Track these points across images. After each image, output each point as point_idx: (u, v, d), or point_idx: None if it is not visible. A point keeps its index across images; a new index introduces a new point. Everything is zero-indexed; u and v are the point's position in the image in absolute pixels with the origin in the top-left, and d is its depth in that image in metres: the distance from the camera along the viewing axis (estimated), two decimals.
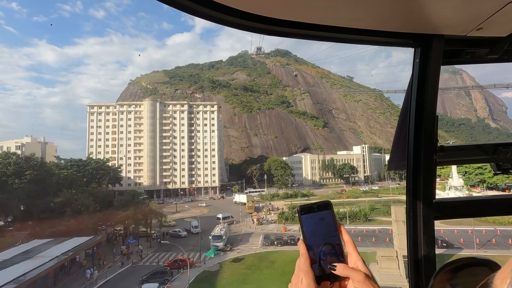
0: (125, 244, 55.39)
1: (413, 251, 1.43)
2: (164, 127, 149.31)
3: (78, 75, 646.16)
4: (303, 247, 0.96)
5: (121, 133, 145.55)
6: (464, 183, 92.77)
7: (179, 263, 43.10)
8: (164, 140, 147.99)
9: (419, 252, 1.41)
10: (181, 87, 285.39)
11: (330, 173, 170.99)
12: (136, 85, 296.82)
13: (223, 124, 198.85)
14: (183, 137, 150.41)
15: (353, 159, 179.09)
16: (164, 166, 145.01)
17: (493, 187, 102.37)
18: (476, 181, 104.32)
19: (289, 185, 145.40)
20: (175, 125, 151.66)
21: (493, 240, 50.25)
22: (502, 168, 1.62)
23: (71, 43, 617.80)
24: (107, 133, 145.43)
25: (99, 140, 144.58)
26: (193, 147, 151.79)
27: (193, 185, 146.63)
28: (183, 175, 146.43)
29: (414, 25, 1.31)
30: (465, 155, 1.65)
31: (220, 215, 74.60)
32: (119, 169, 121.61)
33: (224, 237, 54.71)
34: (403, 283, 33.04)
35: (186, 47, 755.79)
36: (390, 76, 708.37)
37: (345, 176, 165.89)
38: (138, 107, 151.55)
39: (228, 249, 52.83)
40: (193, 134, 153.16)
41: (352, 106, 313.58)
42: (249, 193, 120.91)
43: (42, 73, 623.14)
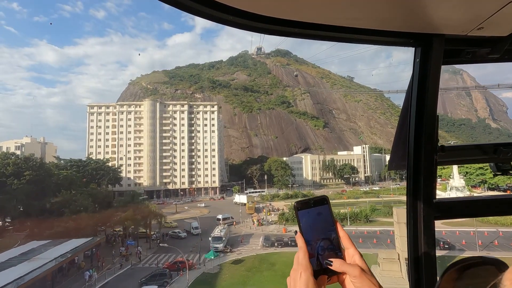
0: (124, 245, 55.02)
1: (413, 251, 1.43)
2: (164, 127, 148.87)
3: (78, 75, 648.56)
4: (301, 240, 0.96)
5: (121, 133, 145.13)
6: (465, 184, 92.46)
7: (178, 265, 42.73)
8: (164, 140, 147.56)
9: (419, 252, 1.41)
10: (181, 87, 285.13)
11: (330, 173, 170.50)
12: (136, 85, 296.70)
13: (224, 124, 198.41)
14: (183, 137, 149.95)
15: (353, 160, 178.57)
16: (164, 166, 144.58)
17: (494, 188, 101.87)
18: (477, 181, 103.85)
19: (290, 186, 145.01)
20: (175, 125, 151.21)
21: (496, 241, 49.77)
22: (502, 169, 1.63)
23: (71, 43, 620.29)
24: (107, 133, 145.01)
25: (99, 140, 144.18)
26: (193, 147, 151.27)
27: (193, 186, 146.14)
28: (183, 176, 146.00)
29: (414, 24, 1.32)
30: (465, 155, 1.65)
31: (220, 216, 74.09)
32: (119, 169, 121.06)
33: (224, 238, 54.22)
34: (405, 286, 32.62)
35: (186, 47, 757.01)
36: (390, 76, 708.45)
37: (345, 176, 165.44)
38: (138, 107, 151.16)
39: (228, 250, 52.38)
40: (193, 134, 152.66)
41: (352, 106, 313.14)
42: (249, 193, 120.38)
43: (42, 73, 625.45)
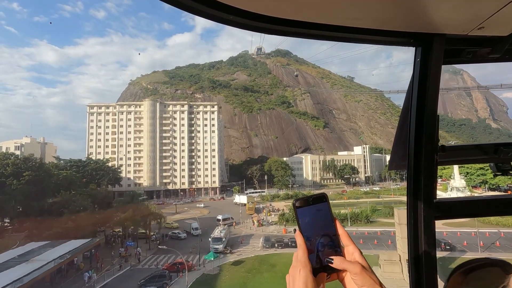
0: (124, 246, 54.74)
1: (413, 251, 1.43)
2: (164, 128, 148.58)
3: (78, 75, 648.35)
4: (300, 238, 0.96)
5: (121, 133, 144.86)
6: (466, 184, 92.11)
7: (178, 266, 42.43)
8: (164, 140, 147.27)
9: (419, 252, 1.42)
10: (182, 87, 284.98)
11: (330, 173, 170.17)
12: (136, 85, 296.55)
13: (224, 124, 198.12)
14: (183, 137, 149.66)
15: (354, 160, 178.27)
16: (164, 166, 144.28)
17: (495, 188, 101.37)
18: (478, 182, 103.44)
19: (290, 186, 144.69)
20: (175, 125, 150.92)
21: (497, 242, 49.44)
22: (502, 169, 1.62)
23: (71, 43, 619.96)
24: (107, 133, 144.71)
25: (99, 140, 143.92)
26: (193, 147, 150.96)
27: (193, 186, 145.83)
28: (183, 176, 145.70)
29: (415, 24, 1.32)
30: (466, 155, 1.65)
31: (220, 217, 73.71)
32: (119, 169, 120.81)
33: (224, 239, 53.89)
34: (406, 287, 32.29)
35: (186, 47, 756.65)
36: (390, 76, 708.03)
37: (345, 176, 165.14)
38: (138, 107, 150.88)
39: (228, 251, 52.07)
40: (193, 134, 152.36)
41: (352, 106, 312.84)
42: (250, 194, 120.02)
43: (42, 73, 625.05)
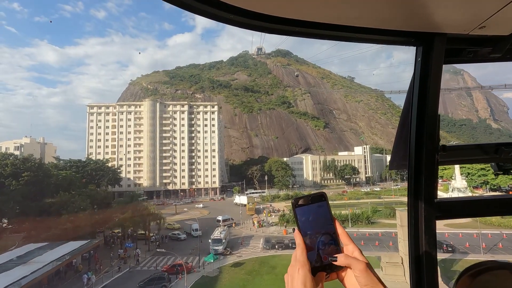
0: (123, 247, 54.36)
1: (414, 250, 1.43)
2: (164, 128, 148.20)
3: (79, 75, 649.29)
4: (299, 237, 0.95)
5: (121, 133, 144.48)
6: (467, 185, 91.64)
7: (177, 268, 41.99)
8: (164, 140, 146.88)
9: (420, 251, 1.41)
10: (182, 87, 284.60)
11: (331, 174, 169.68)
12: (136, 85, 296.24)
13: (224, 124, 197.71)
14: (183, 137, 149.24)
15: (354, 160, 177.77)
16: (164, 167, 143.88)
17: (496, 189, 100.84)
18: (479, 182, 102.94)
19: (290, 186, 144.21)
20: (175, 125, 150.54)
21: (500, 244, 49.00)
22: (503, 168, 1.62)
23: (72, 43, 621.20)
24: (107, 134, 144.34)
25: (99, 140, 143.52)
26: (193, 147, 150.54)
27: (193, 186, 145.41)
28: (183, 176, 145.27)
29: (416, 23, 1.31)
30: (466, 155, 1.64)
31: (220, 217, 73.28)
32: (119, 170, 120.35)
33: (224, 240, 53.42)
34: None
35: (186, 47, 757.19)
36: (391, 76, 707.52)
37: (346, 177, 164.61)
38: (138, 107, 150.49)
39: (228, 253, 51.63)
40: (193, 134, 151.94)
41: (353, 106, 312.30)
42: (250, 194, 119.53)
43: (43, 73, 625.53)
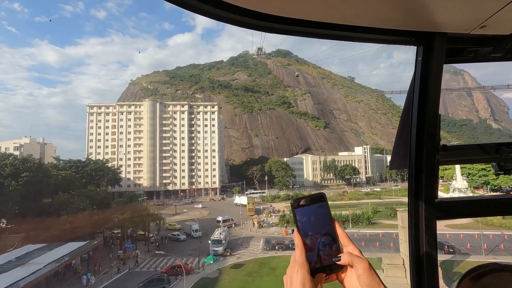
0: (122, 248, 54.05)
1: (415, 250, 1.43)
2: (164, 128, 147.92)
3: (79, 75, 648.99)
4: (298, 238, 0.94)
5: (121, 133, 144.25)
6: (468, 185, 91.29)
7: (176, 270, 41.66)
8: (164, 140, 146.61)
9: (421, 251, 1.41)
10: (182, 87, 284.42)
11: (331, 174, 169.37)
12: (136, 85, 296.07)
13: (224, 124, 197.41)
14: (183, 137, 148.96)
15: (354, 160, 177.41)
16: (164, 167, 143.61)
17: (497, 189, 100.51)
18: (479, 182, 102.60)
19: (290, 187, 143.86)
20: (175, 125, 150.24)
21: (501, 245, 48.63)
22: (504, 168, 1.61)
23: (72, 43, 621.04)
24: (107, 134, 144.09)
25: (99, 140, 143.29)
26: (193, 147, 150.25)
27: (193, 186, 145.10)
28: (183, 176, 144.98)
29: (416, 23, 1.31)
30: (467, 155, 1.63)
31: (220, 218, 72.97)
32: (119, 170, 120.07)
33: (224, 241, 53.08)
34: None
35: (187, 47, 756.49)
36: (391, 76, 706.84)
37: (346, 177, 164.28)
38: (138, 107, 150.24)
39: (228, 254, 51.31)
40: (193, 134, 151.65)
41: (353, 106, 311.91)
42: (250, 194, 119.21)
43: (43, 73, 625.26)
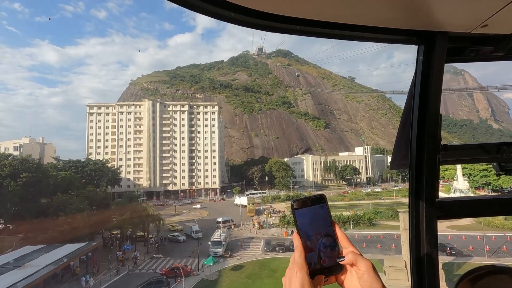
0: (121, 249, 53.63)
1: (415, 250, 1.43)
2: (164, 128, 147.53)
3: (79, 75, 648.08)
4: (297, 240, 0.94)
5: (121, 133, 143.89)
6: (469, 186, 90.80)
7: (176, 271, 41.26)
8: (164, 141, 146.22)
9: (421, 251, 1.41)
10: (182, 87, 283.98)
11: (332, 174, 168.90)
12: (137, 85, 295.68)
13: (224, 124, 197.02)
14: (183, 138, 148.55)
15: (355, 161, 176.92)
16: (164, 167, 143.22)
17: (498, 190, 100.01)
18: (481, 183, 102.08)
19: (291, 187, 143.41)
20: (175, 125, 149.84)
21: (504, 247, 48.21)
22: (505, 168, 1.60)
23: (73, 43, 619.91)
24: (107, 134, 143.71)
25: (99, 141, 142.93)
26: (194, 148, 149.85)
27: (193, 187, 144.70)
28: (183, 177, 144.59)
29: (417, 22, 1.30)
30: (468, 155, 1.63)
31: (220, 219, 72.56)
32: (119, 170, 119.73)
33: (223, 242, 52.69)
34: None
35: (187, 47, 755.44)
36: (392, 76, 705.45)
37: (347, 177, 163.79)
38: (138, 107, 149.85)
39: (227, 255, 50.86)
40: (193, 135, 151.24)
41: (354, 107, 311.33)
42: (250, 195, 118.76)
43: (44, 73, 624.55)
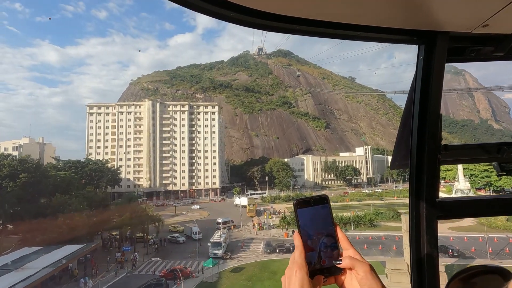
0: (121, 251, 53.20)
1: (415, 250, 1.43)
2: (164, 128, 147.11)
3: (80, 75, 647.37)
4: (298, 239, 0.94)
5: (121, 133, 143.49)
6: (470, 187, 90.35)
7: (175, 273, 40.81)
8: (164, 141, 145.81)
9: (421, 251, 1.41)
10: (183, 87, 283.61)
11: (332, 175, 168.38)
12: (137, 85, 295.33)
13: (225, 124, 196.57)
14: (183, 138, 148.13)
15: (355, 161, 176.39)
16: (164, 167, 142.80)
17: (499, 191, 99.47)
18: (482, 184, 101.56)
19: (291, 187, 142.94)
20: (175, 125, 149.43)
21: (507, 248, 47.76)
22: (505, 169, 1.59)
23: (73, 43, 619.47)
24: (107, 134, 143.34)
25: (99, 141, 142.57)
26: (194, 148, 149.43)
27: (193, 187, 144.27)
28: (183, 177, 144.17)
29: (418, 21, 1.30)
30: (468, 155, 1.63)
31: (220, 220, 72.13)
32: (119, 170, 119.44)
33: (223, 244, 52.24)
34: None
35: (187, 47, 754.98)
36: (392, 77, 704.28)
37: (347, 178, 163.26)
38: (138, 107, 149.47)
39: (227, 257, 50.39)
40: (193, 135, 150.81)
41: (354, 107, 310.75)
42: (250, 195, 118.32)
43: (44, 73, 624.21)
